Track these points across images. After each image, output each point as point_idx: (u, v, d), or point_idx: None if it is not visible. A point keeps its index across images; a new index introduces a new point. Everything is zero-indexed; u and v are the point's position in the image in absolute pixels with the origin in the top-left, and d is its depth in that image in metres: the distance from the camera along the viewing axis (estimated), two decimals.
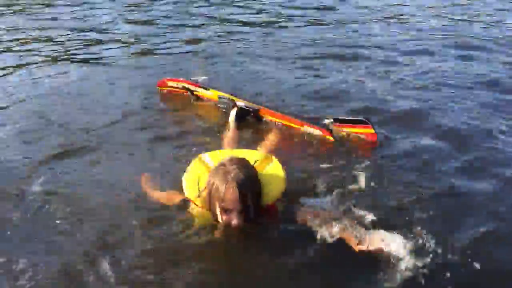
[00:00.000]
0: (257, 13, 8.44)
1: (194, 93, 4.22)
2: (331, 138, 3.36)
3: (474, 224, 2.40)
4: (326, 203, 2.51)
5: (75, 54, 5.98)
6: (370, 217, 2.33)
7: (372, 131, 3.29)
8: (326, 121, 3.50)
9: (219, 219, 2.21)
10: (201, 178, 2.29)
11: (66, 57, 5.88)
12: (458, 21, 7.56)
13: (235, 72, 5.09)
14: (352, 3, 9.11)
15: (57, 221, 2.47)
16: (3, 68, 5.34)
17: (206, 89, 4.14)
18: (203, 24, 7.63)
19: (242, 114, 3.73)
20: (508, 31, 6.84)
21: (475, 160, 3.09)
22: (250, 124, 3.71)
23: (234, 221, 2.15)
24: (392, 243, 2.00)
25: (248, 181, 2.13)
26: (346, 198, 2.55)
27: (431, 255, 2.03)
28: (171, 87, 4.38)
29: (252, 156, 2.43)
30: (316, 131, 3.43)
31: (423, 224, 2.26)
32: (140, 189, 2.70)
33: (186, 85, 4.26)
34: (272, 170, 2.39)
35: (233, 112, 3.71)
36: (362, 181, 2.78)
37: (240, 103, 3.81)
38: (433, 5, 8.80)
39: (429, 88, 4.50)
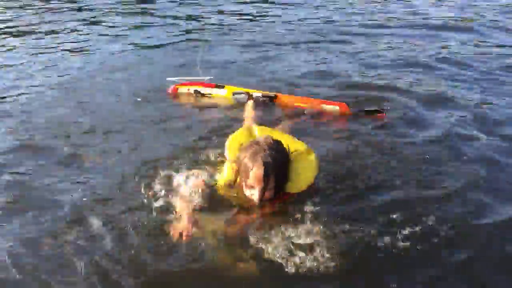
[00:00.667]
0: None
1: (207, 95, 4.14)
2: (349, 112, 3.65)
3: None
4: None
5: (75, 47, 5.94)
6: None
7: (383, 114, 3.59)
8: None
9: (244, 191, 2.35)
10: (243, 144, 2.42)
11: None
12: None
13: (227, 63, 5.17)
14: None
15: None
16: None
17: (221, 86, 4.11)
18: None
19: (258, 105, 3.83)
20: None
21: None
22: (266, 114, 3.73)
23: (255, 196, 2.29)
24: None
25: (275, 164, 2.23)
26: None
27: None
28: (182, 93, 4.24)
29: (294, 145, 2.52)
30: (335, 107, 3.70)
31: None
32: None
33: (199, 89, 4.16)
34: (307, 163, 2.49)
35: (250, 103, 3.76)
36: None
37: (257, 93, 3.87)
38: None
39: None
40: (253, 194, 2.31)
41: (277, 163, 2.25)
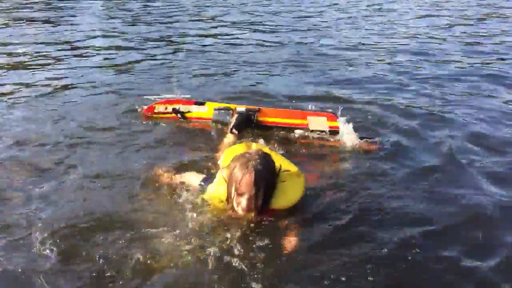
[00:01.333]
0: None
1: (186, 115, 3.93)
2: (337, 124, 3.49)
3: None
4: None
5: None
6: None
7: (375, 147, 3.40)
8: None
9: (233, 200, 2.38)
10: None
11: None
12: None
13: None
14: None
15: None
16: None
17: (201, 103, 3.93)
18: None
19: (242, 121, 3.63)
20: None
21: None
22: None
23: (243, 204, 2.33)
24: None
25: (265, 172, 2.33)
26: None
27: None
28: (159, 113, 3.99)
29: (286, 165, 2.57)
30: (322, 118, 3.56)
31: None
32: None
33: (178, 106, 3.94)
34: (295, 183, 2.53)
35: (232, 120, 3.60)
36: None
37: (240, 108, 3.74)
38: None
39: None
40: (240, 202, 2.34)
41: (267, 173, 2.34)
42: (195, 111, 3.93)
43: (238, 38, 7.70)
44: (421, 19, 9.69)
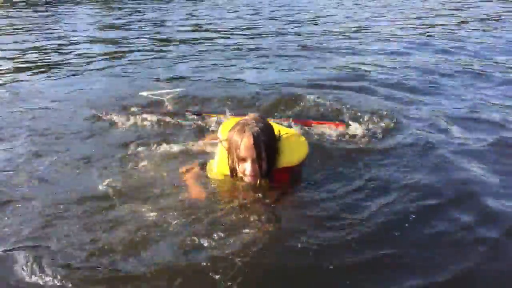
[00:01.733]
0: None
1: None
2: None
3: None
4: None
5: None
6: None
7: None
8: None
9: (237, 169, 2.34)
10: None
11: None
12: None
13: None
14: None
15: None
16: None
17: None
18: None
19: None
20: None
21: None
22: None
23: (248, 169, 2.29)
24: None
25: (264, 133, 2.29)
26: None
27: None
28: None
29: (285, 130, 2.58)
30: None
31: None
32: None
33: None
34: (298, 142, 2.54)
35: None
36: None
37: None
38: None
39: None
40: (246, 169, 2.32)
41: (265, 133, 2.30)
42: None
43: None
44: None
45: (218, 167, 2.52)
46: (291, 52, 6.71)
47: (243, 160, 2.31)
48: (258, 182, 2.38)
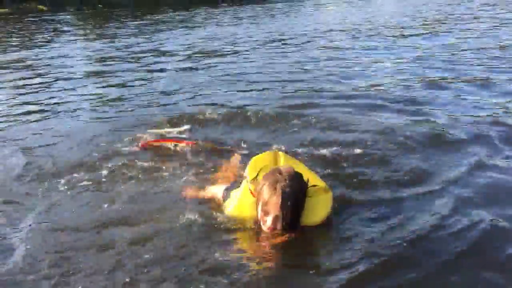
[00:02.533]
0: None
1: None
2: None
3: None
4: None
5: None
6: None
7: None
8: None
9: (259, 218, 2.37)
10: (264, 169, 2.47)
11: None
12: None
13: None
14: None
15: None
16: None
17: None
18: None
19: None
20: None
21: None
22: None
23: (268, 222, 2.32)
24: None
25: (294, 195, 2.27)
26: None
27: None
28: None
29: (314, 180, 2.51)
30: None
31: None
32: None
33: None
34: (323, 200, 2.47)
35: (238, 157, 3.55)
36: None
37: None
38: None
39: None
40: (267, 221, 2.33)
41: (296, 195, 2.29)
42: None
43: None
44: None
45: (239, 202, 2.51)
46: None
47: (267, 213, 2.32)
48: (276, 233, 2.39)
